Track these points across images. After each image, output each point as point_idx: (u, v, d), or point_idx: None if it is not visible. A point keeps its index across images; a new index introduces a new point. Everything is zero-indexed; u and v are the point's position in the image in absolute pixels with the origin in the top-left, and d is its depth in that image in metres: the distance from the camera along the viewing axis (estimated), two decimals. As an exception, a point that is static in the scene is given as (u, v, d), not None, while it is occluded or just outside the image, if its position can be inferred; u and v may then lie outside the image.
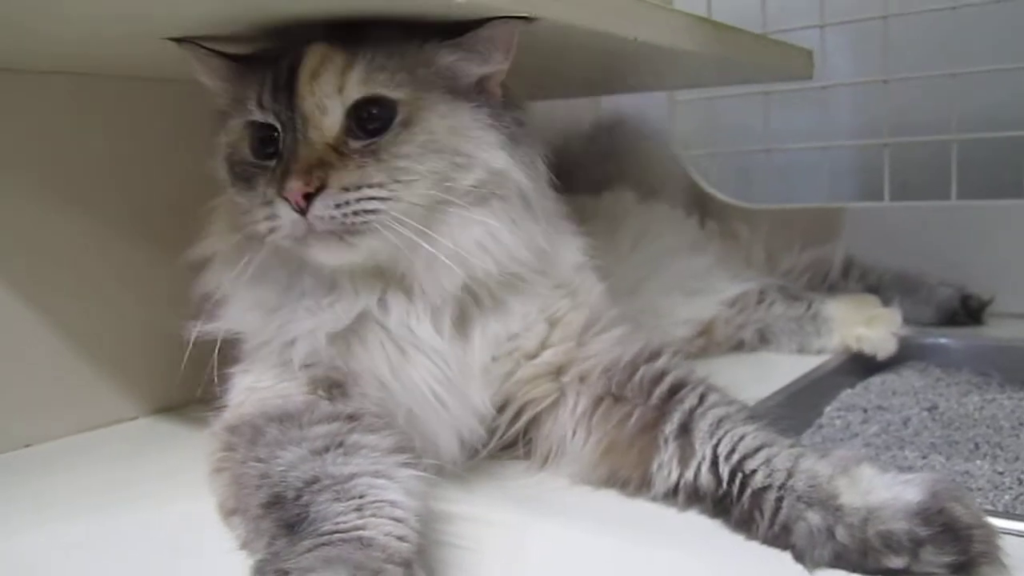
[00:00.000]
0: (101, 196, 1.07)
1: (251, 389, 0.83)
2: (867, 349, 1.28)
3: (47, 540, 0.75)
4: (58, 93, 1.04)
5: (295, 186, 0.73)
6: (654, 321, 1.22)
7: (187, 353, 0.82)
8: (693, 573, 0.67)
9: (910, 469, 0.96)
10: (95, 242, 1.07)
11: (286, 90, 0.78)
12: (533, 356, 0.86)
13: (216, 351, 0.82)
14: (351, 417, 0.76)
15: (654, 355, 0.85)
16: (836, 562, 0.63)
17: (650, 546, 0.71)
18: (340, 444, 0.70)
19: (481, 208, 0.80)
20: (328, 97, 0.77)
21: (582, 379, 0.85)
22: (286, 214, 0.75)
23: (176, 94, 1.06)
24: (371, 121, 0.77)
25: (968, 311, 1.46)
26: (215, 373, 0.83)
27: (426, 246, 0.76)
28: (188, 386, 0.87)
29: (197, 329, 0.83)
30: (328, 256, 0.78)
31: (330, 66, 0.77)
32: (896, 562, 0.61)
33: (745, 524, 0.70)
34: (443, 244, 0.77)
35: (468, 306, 0.83)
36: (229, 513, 0.72)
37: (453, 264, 0.77)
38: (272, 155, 0.79)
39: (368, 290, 0.81)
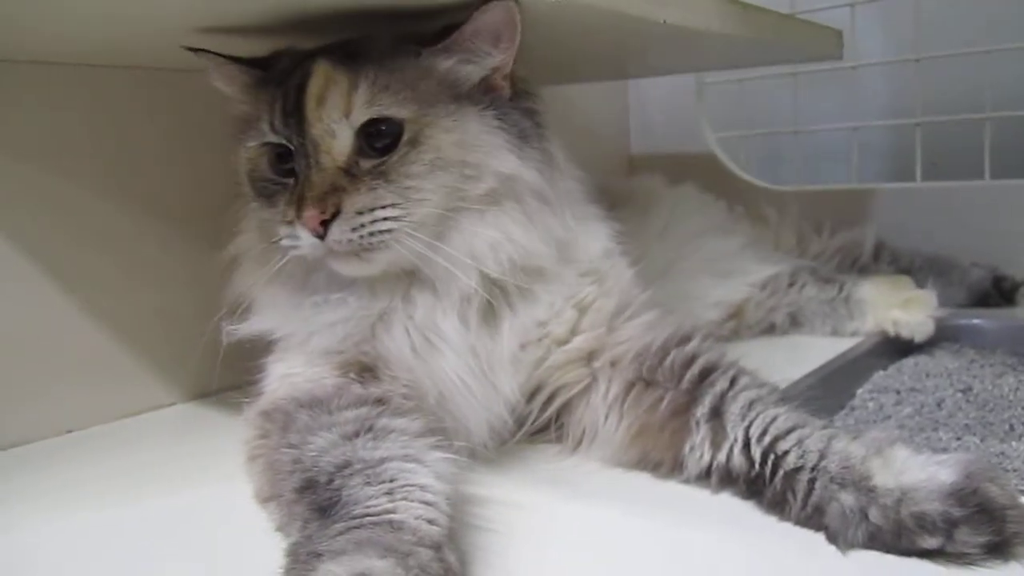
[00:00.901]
0: (145, 187, 1.09)
1: (285, 376, 0.85)
2: (904, 333, 1.27)
3: (89, 523, 0.77)
4: (108, 86, 1.06)
5: (311, 215, 0.75)
6: (685, 304, 1.22)
7: (222, 351, 0.84)
8: (726, 554, 0.67)
9: (944, 451, 0.95)
10: (136, 233, 1.08)
11: (295, 115, 0.79)
12: (564, 342, 0.87)
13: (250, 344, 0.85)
14: (379, 401, 0.77)
15: (685, 339, 0.85)
16: (870, 543, 0.63)
17: (682, 527, 0.71)
18: (370, 428, 0.71)
19: (494, 210, 0.81)
20: (335, 122, 0.78)
21: (613, 364, 0.86)
22: (305, 238, 0.77)
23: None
24: (380, 138, 0.78)
25: (1001, 292, 1.44)
26: (251, 364, 0.86)
27: (439, 255, 0.78)
28: (224, 374, 0.88)
29: (229, 329, 0.85)
30: (348, 270, 0.80)
31: (334, 89, 0.78)
32: (930, 543, 0.61)
33: (778, 506, 0.70)
34: (457, 249, 0.79)
35: (495, 297, 0.83)
36: (265, 499, 0.73)
37: (468, 266, 0.79)
38: (290, 172, 0.81)
39: (391, 290, 0.82)
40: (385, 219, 0.76)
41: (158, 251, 1.10)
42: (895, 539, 0.62)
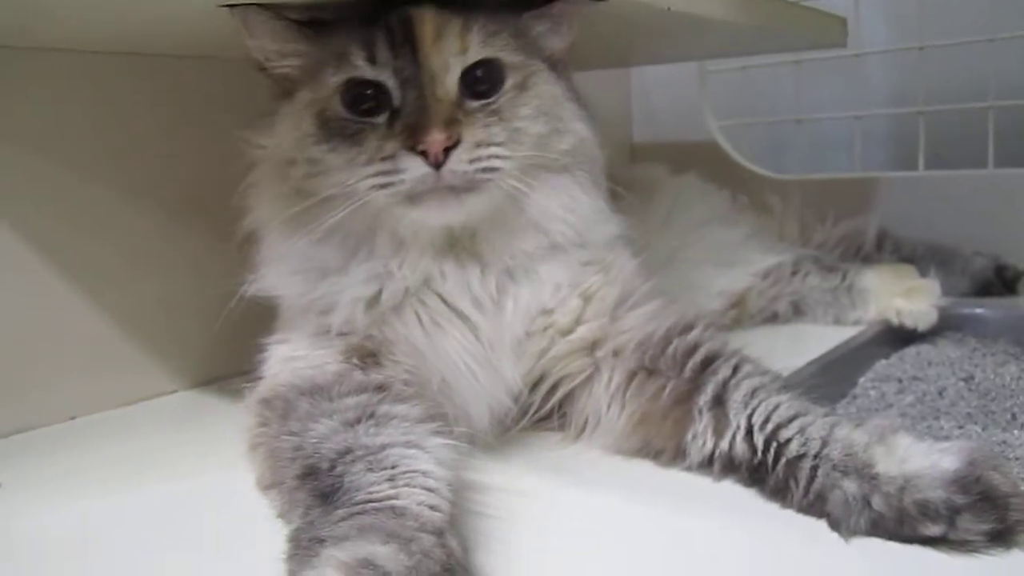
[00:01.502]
0: (146, 176, 1.09)
1: (287, 359, 0.84)
2: (908, 322, 1.27)
3: (92, 510, 0.77)
4: (111, 73, 1.05)
5: (438, 139, 0.75)
6: (688, 293, 1.22)
7: (213, 331, 0.84)
8: (728, 541, 0.67)
9: (946, 439, 0.95)
10: (138, 220, 1.08)
11: (405, 48, 0.79)
12: (567, 332, 0.87)
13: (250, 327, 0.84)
14: (380, 387, 0.77)
15: (687, 328, 0.85)
16: (872, 531, 0.63)
17: (684, 515, 0.71)
18: (371, 415, 0.71)
19: (567, 176, 0.85)
20: (453, 56, 0.79)
21: (616, 354, 0.86)
22: (416, 167, 0.76)
23: (227, 70, 1.06)
24: (480, 83, 0.80)
25: (1003, 281, 1.44)
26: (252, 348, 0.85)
27: (524, 206, 0.81)
28: (225, 361, 0.88)
29: (244, 290, 0.84)
30: (439, 214, 0.79)
31: (449, 28, 0.80)
32: (933, 530, 0.61)
33: (780, 493, 0.70)
34: (536, 206, 0.83)
35: (503, 276, 0.84)
36: (267, 487, 0.73)
37: (539, 226, 0.83)
38: (370, 112, 0.80)
39: (434, 257, 0.82)
40: (497, 156, 0.78)
41: (161, 240, 1.10)
42: (898, 526, 0.62)
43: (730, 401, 0.76)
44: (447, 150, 0.75)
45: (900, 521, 0.62)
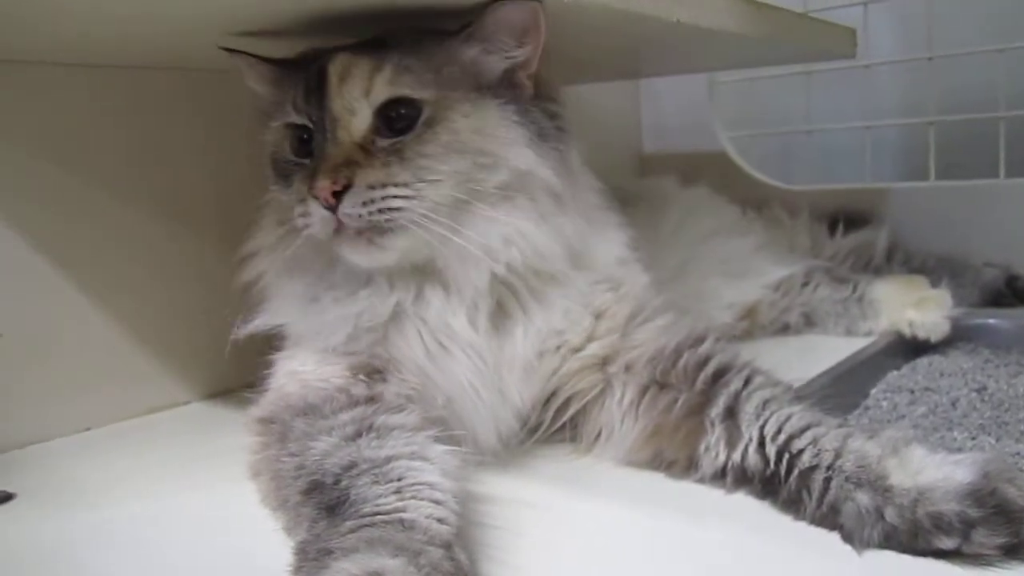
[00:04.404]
0: (163, 188, 1.10)
1: (293, 372, 0.85)
2: (920, 334, 1.27)
3: (105, 520, 0.78)
4: (129, 87, 1.07)
5: (323, 184, 0.75)
6: (698, 305, 1.22)
7: (229, 345, 0.85)
8: (739, 553, 0.67)
9: (959, 451, 0.95)
10: (153, 234, 1.09)
11: (317, 93, 0.80)
12: (579, 350, 0.87)
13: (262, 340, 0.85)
14: (371, 399, 0.77)
15: (698, 341, 0.85)
16: (885, 543, 0.63)
17: (695, 526, 0.71)
18: (370, 427, 0.72)
19: (507, 206, 0.81)
20: (356, 99, 0.79)
21: (628, 369, 0.86)
22: (316, 211, 0.77)
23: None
24: (398, 121, 0.78)
25: (1014, 292, 1.43)
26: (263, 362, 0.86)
27: (455, 239, 0.77)
28: (237, 372, 0.88)
29: (241, 325, 0.86)
30: (360, 258, 0.80)
31: (357, 70, 0.79)
32: (947, 543, 0.61)
33: (793, 505, 0.70)
34: (472, 239, 0.78)
35: (507, 300, 0.83)
36: (273, 508, 0.73)
37: (480, 259, 0.79)
38: (308, 154, 0.82)
39: (403, 286, 0.82)
40: (396, 197, 0.76)
41: (175, 252, 1.11)
42: (911, 539, 0.62)
43: (742, 413, 0.76)
44: (338, 194, 0.75)
45: (914, 534, 0.62)
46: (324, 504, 0.64)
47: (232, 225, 0.90)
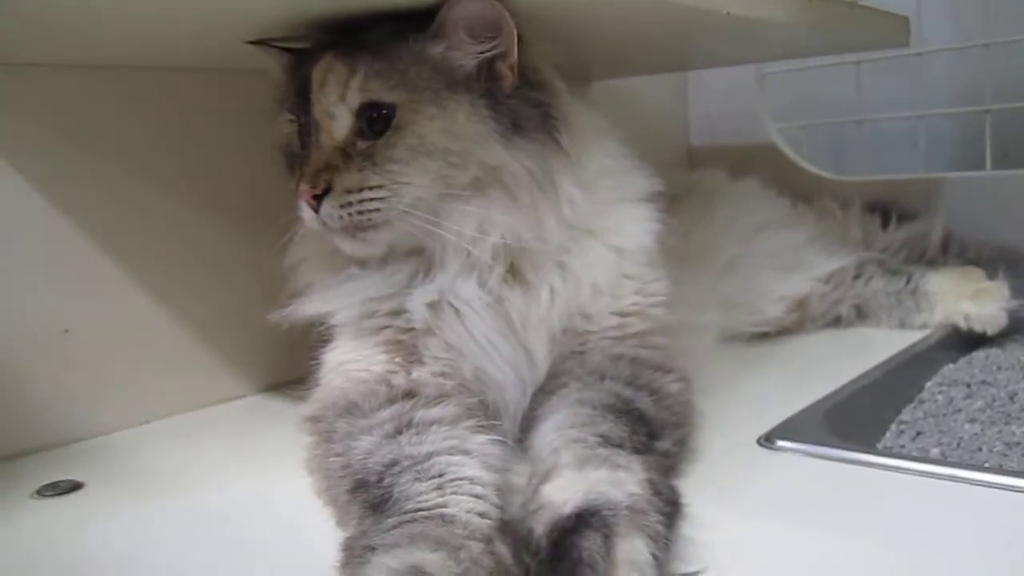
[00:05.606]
0: (219, 187, 1.12)
1: (338, 365, 0.87)
2: (976, 326, 1.25)
3: (164, 512, 0.80)
4: (186, 90, 1.09)
5: (303, 188, 0.79)
6: (749, 299, 1.21)
7: (279, 337, 0.88)
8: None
9: (1018, 444, 0.94)
10: (210, 231, 1.12)
11: (302, 97, 0.83)
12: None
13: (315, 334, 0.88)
14: (409, 394, 0.79)
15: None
16: None
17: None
18: (409, 423, 0.73)
19: (480, 199, 0.81)
20: (333, 104, 0.81)
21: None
22: (305, 211, 0.80)
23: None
24: (376, 123, 0.79)
25: (1073, 283, 1.40)
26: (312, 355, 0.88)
27: (437, 230, 0.80)
28: (293, 366, 0.90)
29: (281, 312, 0.89)
30: (347, 248, 0.83)
31: (332, 76, 0.81)
32: None
33: None
34: (450, 229, 0.80)
35: (521, 264, 0.84)
36: (325, 504, 0.75)
37: (463, 245, 0.81)
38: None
39: (410, 265, 0.84)
40: (372, 199, 0.78)
41: (231, 250, 1.13)
42: None
43: None
44: (318, 198, 0.78)
45: None
46: (369, 502, 0.65)
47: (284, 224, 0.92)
